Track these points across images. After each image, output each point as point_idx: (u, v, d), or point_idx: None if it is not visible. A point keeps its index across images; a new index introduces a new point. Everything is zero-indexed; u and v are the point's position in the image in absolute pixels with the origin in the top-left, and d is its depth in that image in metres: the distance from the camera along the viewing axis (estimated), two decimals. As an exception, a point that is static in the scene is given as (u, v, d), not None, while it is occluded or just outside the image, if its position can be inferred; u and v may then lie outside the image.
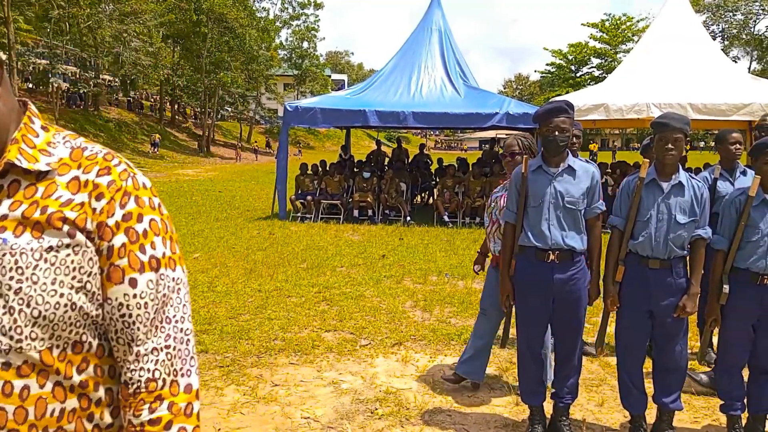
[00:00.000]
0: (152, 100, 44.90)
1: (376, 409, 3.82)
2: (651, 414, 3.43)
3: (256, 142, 42.51)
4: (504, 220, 3.43)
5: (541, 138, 3.26)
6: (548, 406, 3.52)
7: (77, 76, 30.49)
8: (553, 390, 3.45)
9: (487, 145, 16.44)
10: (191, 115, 48.10)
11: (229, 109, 47.63)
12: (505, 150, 3.84)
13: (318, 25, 54.86)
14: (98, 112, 34.08)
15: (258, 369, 4.45)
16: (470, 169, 13.20)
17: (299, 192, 13.01)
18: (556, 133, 3.17)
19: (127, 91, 40.11)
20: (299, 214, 12.44)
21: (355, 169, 13.99)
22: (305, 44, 54.48)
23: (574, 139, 4.44)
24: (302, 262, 8.14)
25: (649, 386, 3.42)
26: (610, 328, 3.54)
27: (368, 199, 12.39)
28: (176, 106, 45.46)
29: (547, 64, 52.53)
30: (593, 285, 3.34)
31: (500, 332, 3.88)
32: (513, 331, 3.74)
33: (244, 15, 37.99)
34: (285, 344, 4.95)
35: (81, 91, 30.64)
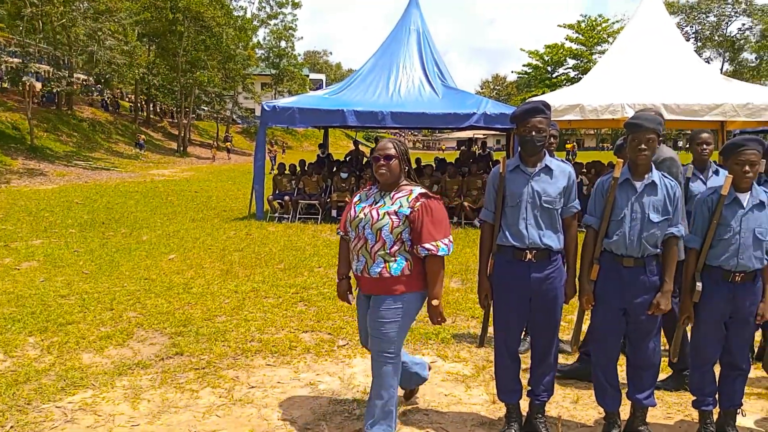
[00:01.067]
0: (127, 99, 44.27)
1: (354, 409, 3.81)
2: (625, 410, 3.47)
3: (229, 142, 42.01)
4: (482, 219, 3.44)
5: (519, 138, 3.29)
6: (524, 404, 3.54)
7: (50, 75, 29.91)
8: (529, 388, 3.47)
9: (464, 146, 16.51)
10: (167, 114, 47.53)
11: (206, 108, 47.19)
12: (378, 152, 3.21)
13: (296, 25, 54.69)
14: (72, 112, 33.50)
15: (234, 371, 4.41)
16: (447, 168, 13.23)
17: (276, 192, 12.93)
18: (533, 133, 3.20)
19: (104, 89, 39.50)
20: (277, 215, 12.37)
21: (334, 169, 13.96)
22: (283, 43, 54.20)
23: (552, 139, 4.49)
24: (279, 262, 8.09)
25: (623, 383, 3.46)
26: (585, 326, 3.57)
27: (346, 199, 12.35)
28: (152, 106, 44.90)
29: (523, 65, 52.90)
30: (569, 284, 3.37)
31: (476, 331, 3.89)
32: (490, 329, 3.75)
33: (221, 14, 37.62)
34: (262, 345, 4.91)
35: (54, 91, 30.08)
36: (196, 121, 46.97)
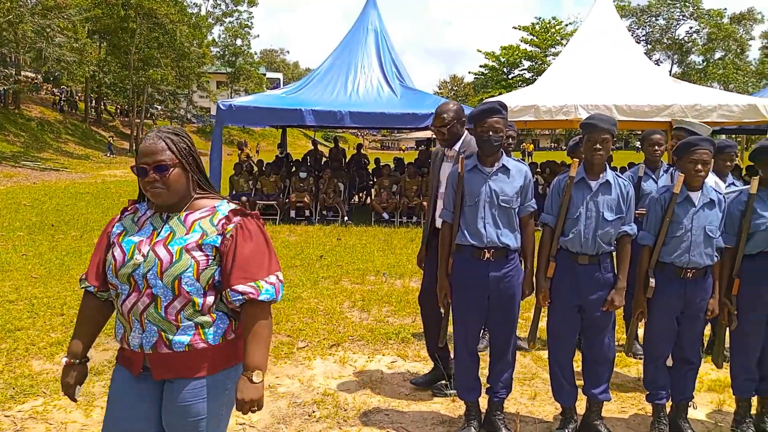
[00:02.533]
0: (77, 97, 42.94)
1: (314, 411, 3.78)
2: (581, 406, 3.54)
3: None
4: (441, 219, 3.46)
5: (476, 138, 3.32)
6: (483, 402, 3.57)
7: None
8: (488, 385, 3.51)
9: (423, 146, 16.61)
10: (118, 113, 46.31)
11: (159, 107, 46.13)
12: (143, 159, 1.98)
13: (252, 23, 53.98)
14: (19, 111, 32.29)
15: (191, 375, 4.31)
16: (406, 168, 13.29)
17: (233, 193, 12.73)
18: (490, 133, 3.23)
19: (66, 89, 38.26)
20: (234, 215, 12.16)
21: (292, 169, 13.84)
22: (239, 41, 53.48)
23: (510, 140, 4.55)
24: (237, 264, 7.95)
25: (579, 379, 3.53)
26: (542, 323, 3.62)
27: (305, 199, 12.27)
28: (103, 104, 43.68)
29: (480, 66, 53.45)
30: (527, 282, 3.42)
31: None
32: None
33: (175, 10, 36.85)
34: (219, 349, 4.81)
35: (1, 89, 28.97)
36: (148, 120, 45.90)
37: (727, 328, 3.47)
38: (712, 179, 3.95)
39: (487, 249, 3.27)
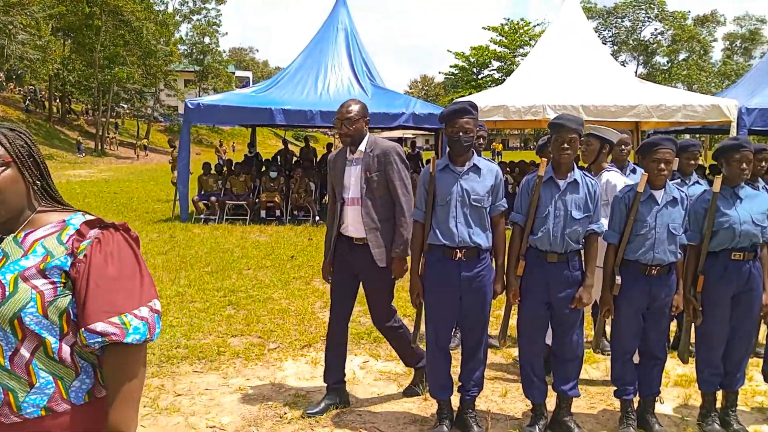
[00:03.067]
0: (40, 95, 41.88)
1: (286, 413, 3.75)
2: (552, 402, 3.58)
3: (144, 142, 40.45)
4: (413, 218, 3.46)
5: (447, 138, 3.34)
6: (455, 400, 3.58)
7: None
8: (460, 383, 3.52)
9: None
10: (83, 112, 45.32)
11: (126, 106, 45.29)
12: None
13: (220, 20, 53.36)
14: (-22, 109, 31.39)
15: (159, 379, 4.24)
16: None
17: (202, 193, 12.57)
18: (461, 133, 3.25)
19: (34, 88, 37.28)
20: (202, 216, 12.02)
21: (262, 169, 13.72)
22: (207, 39, 52.78)
23: (481, 140, 4.59)
24: (206, 265, 7.86)
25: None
26: (512, 321, 3.66)
27: (276, 199, 12.18)
28: (68, 103, 42.70)
29: (450, 66, 53.68)
30: (498, 280, 3.44)
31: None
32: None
33: (141, 8, 36.21)
34: (188, 352, 4.75)
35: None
36: (115, 119, 45.04)
37: (692, 324, 3.55)
38: (620, 179, 4.02)
39: (459, 249, 3.29)
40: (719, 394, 3.61)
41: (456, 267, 3.31)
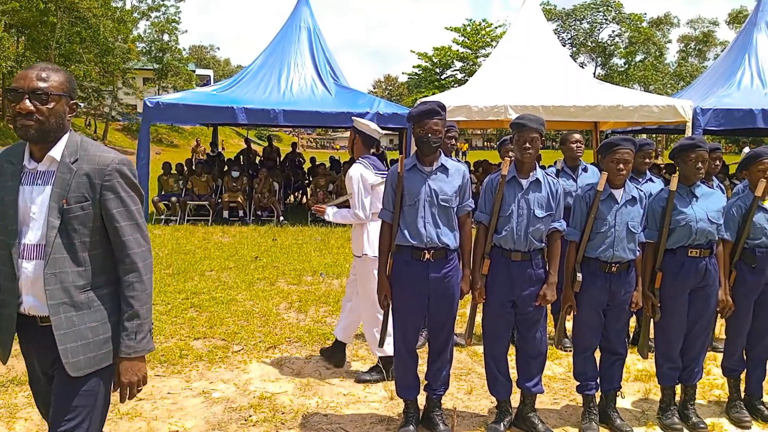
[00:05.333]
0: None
1: (250, 416, 3.70)
2: (516, 399, 3.62)
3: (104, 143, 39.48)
4: (381, 219, 3.45)
5: (416, 138, 3.34)
6: (421, 399, 3.59)
7: None
8: (426, 382, 3.54)
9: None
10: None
11: (82, 104, 44.12)
12: None
13: (180, 18, 52.26)
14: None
15: (120, 384, 4.14)
16: (342, 167, 13.25)
17: (162, 193, 12.33)
18: (430, 134, 3.26)
19: None
20: (163, 217, 11.79)
21: (225, 168, 13.53)
22: (166, 37, 51.73)
23: (453, 141, 4.62)
24: (167, 267, 7.71)
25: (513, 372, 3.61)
26: (477, 319, 3.68)
27: (239, 199, 12.03)
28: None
29: (414, 66, 53.84)
30: (464, 280, 3.46)
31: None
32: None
33: (98, 4, 35.25)
34: (150, 355, 4.63)
35: None
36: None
37: (651, 320, 3.64)
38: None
39: (428, 249, 3.29)
40: (678, 388, 3.70)
41: (424, 268, 3.31)
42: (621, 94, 11.97)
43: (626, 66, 58.77)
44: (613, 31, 59.58)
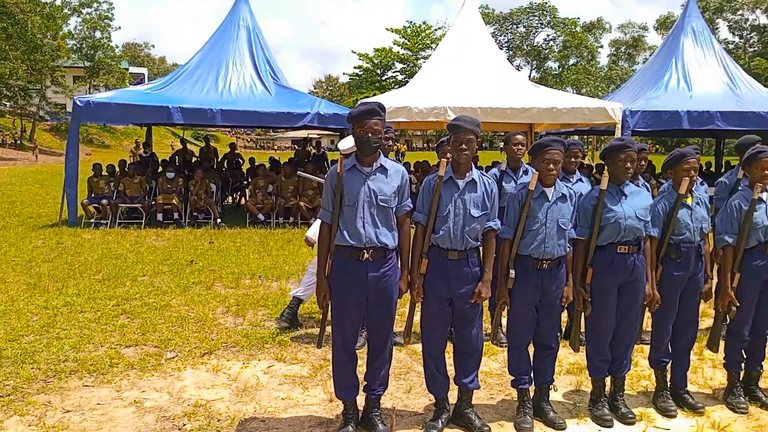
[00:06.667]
0: None
1: (185, 425, 3.59)
2: (454, 396, 3.65)
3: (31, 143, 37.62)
4: (321, 219, 3.42)
5: (356, 138, 3.32)
6: (361, 399, 3.58)
7: None
8: (366, 383, 3.53)
9: (299, 145, 16.47)
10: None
11: (8, 104, 41.98)
12: None
13: (112, 14, 50.68)
14: None
15: (45, 395, 3.95)
16: (282, 167, 13.09)
17: (92, 195, 11.84)
18: (370, 134, 3.25)
19: None
20: (93, 220, 11.33)
21: (159, 170, 13.13)
22: (98, 34, 49.96)
23: (390, 141, 4.62)
24: (97, 273, 7.41)
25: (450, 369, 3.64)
26: (416, 318, 3.70)
27: (173, 201, 11.70)
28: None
29: (355, 67, 53.90)
30: (403, 280, 3.47)
31: (314, 331, 3.86)
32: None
33: (26, 0, 33.71)
34: (78, 365, 4.45)
35: None
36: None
37: (582, 314, 3.74)
38: None
39: (366, 249, 3.29)
40: (608, 380, 3.83)
41: (363, 267, 3.31)
42: (555, 96, 12.32)
43: (560, 69, 60.71)
44: (548, 35, 61.45)
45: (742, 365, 4.00)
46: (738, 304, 3.80)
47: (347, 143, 4.32)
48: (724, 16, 54.48)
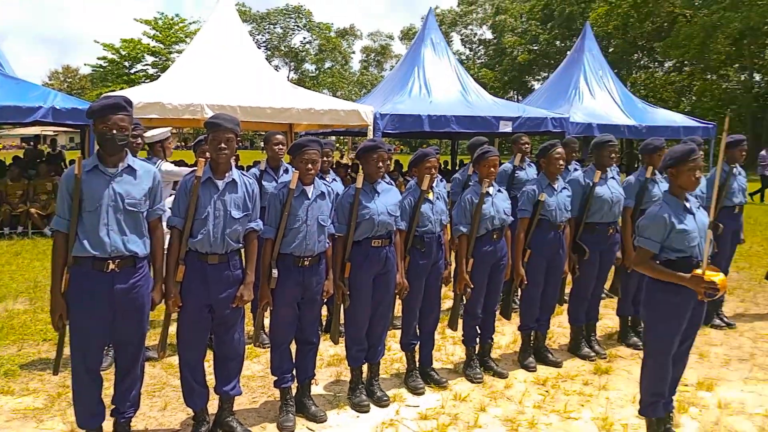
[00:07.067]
0: None
1: None
2: (213, 406, 3.52)
3: None
4: (53, 227, 3.01)
5: (98, 136, 3.00)
6: (108, 425, 3.25)
7: None
8: (113, 406, 3.21)
9: (30, 144, 14.43)
10: None
11: None
12: None
13: None
14: None
15: None
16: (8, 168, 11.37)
17: None
18: (114, 131, 2.96)
19: None
20: None
21: None
22: None
23: (139, 140, 4.28)
24: None
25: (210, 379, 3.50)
26: (172, 328, 3.48)
27: None
28: None
29: (98, 58, 48.92)
30: (157, 289, 3.23)
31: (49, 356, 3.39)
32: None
33: None
34: None
35: None
36: None
37: (342, 307, 3.88)
38: None
39: (112, 260, 2.99)
40: (364, 367, 4.04)
41: (108, 280, 3.00)
42: (313, 98, 12.65)
43: (317, 72, 62.72)
44: (305, 38, 63.01)
45: (477, 339, 4.53)
46: (472, 286, 4.30)
47: (155, 131, 4.12)
48: (457, 30, 61.45)
